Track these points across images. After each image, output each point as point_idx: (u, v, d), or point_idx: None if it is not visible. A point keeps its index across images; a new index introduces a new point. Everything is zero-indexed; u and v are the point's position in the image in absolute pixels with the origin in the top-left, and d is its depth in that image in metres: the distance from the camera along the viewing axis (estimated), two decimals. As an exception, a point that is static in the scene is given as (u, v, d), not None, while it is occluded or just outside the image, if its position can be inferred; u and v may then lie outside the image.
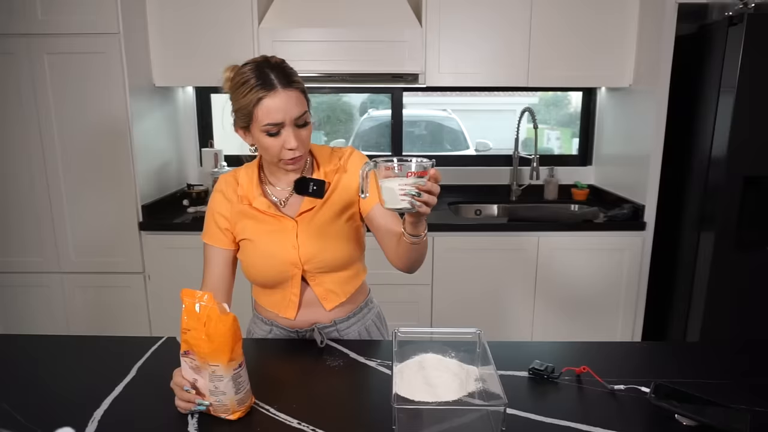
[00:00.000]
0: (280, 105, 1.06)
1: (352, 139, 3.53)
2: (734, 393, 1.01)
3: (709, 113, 2.16)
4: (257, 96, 1.06)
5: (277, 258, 1.20)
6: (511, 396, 0.98)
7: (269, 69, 1.08)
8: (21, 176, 2.35)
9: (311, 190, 1.17)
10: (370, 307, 1.36)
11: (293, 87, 1.09)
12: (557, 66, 2.48)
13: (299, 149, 1.11)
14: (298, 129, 1.10)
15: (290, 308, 1.25)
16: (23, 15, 2.19)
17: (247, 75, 1.08)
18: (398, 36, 2.39)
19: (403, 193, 0.93)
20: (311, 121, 1.15)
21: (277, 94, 1.06)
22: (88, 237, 2.40)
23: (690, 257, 2.30)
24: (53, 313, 2.48)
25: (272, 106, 1.06)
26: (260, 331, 1.32)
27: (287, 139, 1.09)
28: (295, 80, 1.10)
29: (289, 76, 1.10)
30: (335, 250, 1.21)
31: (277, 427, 0.92)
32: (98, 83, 2.26)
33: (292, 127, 1.09)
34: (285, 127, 1.08)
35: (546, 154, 3.16)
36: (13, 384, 1.07)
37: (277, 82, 1.07)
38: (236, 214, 1.22)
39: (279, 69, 1.09)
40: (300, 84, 1.11)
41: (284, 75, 1.09)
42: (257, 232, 1.21)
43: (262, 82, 1.06)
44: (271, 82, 1.07)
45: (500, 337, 2.47)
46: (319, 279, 1.23)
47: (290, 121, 1.08)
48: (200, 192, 2.75)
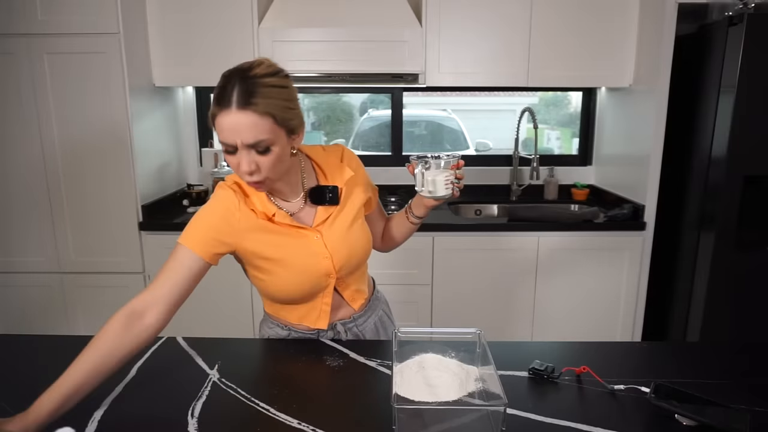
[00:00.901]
0: (228, 126, 0.95)
1: (352, 139, 3.53)
2: (734, 393, 1.01)
3: (709, 113, 2.16)
4: (212, 110, 0.97)
5: (311, 272, 1.15)
6: (511, 396, 0.98)
7: (239, 81, 0.95)
8: (21, 176, 2.35)
9: (328, 198, 1.17)
10: (379, 297, 1.38)
11: (250, 109, 0.94)
12: (557, 66, 2.48)
13: (256, 175, 1.00)
14: (258, 154, 0.98)
15: (322, 318, 1.22)
16: (23, 15, 2.19)
17: (220, 81, 0.98)
18: (398, 36, 2.39)
19: (447, 183, 1.16)
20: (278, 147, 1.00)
21: (228, 114, 0.95)
22: (88, 237, 2.40)
23: (690, 257, 2.30)
24: (53, 313, 2.48)
25: (222, 125, 0.96)
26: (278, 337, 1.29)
27: (240, 161, 0.99)
28: (254, 102, 0.94)
29: (251, 95, 0.94)
30: (360, 249, 1.21)
31: (277, 427, 0.92)
32: (98, 83, 2.26)
33: (246, 151, 0.98)
34: (239, 149, 0.98)
35: (546, 154, 3.16)
36: (13, 384, 1.07)
37: (235, 100, 0.94)
38: (249, 232, 1.10)
39: (247, 84, 0.95)
40: (261, 106, 0.95)
41: (245, 93, 0.94)
42: (283, 249, 1.12)
43: (219, 95, 0.96)
44: (228, 99, 0.94)
45: (500, 337, 2.47)
46: (346, 282, 1.23)
47: (242, 145, 0.97)
48: (200, 192, 2.75)
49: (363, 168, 1.27)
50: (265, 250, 1.12)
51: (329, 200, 1.16)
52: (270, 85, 0.97)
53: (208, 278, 2.63)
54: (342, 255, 1.18)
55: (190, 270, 1.05)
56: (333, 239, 1.17)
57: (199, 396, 1.01)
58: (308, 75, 2.51)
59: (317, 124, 3.50)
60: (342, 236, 1.18)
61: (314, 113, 3.52)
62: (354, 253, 1.19)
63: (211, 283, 2.44)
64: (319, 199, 1.16)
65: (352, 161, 1.24)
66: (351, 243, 1.19)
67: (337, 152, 1.24)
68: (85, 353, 0.94)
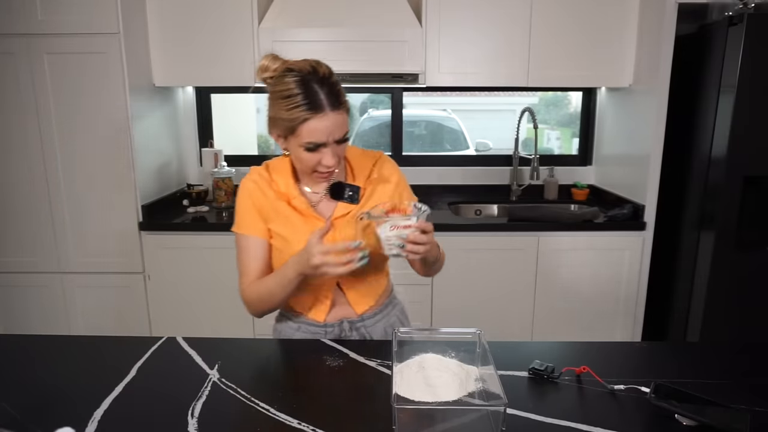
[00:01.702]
0: (326, 128, 1.04)
1: (352, 139, 3.53)
2: (734, 393, 1.01)
3: (709, 113, 2.16)
4: (303, 116, 1.03)
5: None
6: (511, 396, 0.98)
7: (318, 85, 1.04)
8: (21, 176, 2.35)
9: (347, 195, 1.18)
10: (395, 303, 1.37)
11: (341, 108, 1.05)
12: (557, 66, 2.48)
13: (335, 166, 1.10)
14: (338, 145, 1.09)
15: (320, 311, 1.25)
16: (23, 15, 2.19)
17: (292, 88, 1.04)
18: (398, 36, 2.39)
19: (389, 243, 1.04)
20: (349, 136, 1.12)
21: (325, 117, 1.03)
22: (88, 237, 2.41)
23: (690, 257, 2.30)
24: (53, 313, 2.48)
25: (318, 128, 1.04)
26: (288, 330, 1.31)
27: (325, 156, 1.08)
28: (342, 101, 1.06)
29: (338, 95, 1.05)
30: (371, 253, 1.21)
31: (277, 427, 0.92)
32: (98, 83, 2.27)
33: (332, 146, 1.07)
34: (326, 146, 1.07)
35: (546, 154, 3.17)
36: (13, 384, 1.07)
37: (327, 103, 1.03)
38: (271, 209, 1.20)
39: (328, 86, 1.05)
40: (347, 104, 1.08)
41: (333, 94, 1.05)
42: (293, 232, 1.18)
43: (309, 101, 1.03)
44: (320, 103, 1.03)
45: (500, 337, 2.47)
46: (351, 283, 1.23)
47: (332, 142, 1.07)
48: (200, 192, 2.75)
49: (403, 179, 1.27)
50: (278, 227, 1.19)
51: (348, 198, 1.18)
52: (338, 82, 1.08)
53: (208, 278, 2.63)
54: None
55: (263, 252, 1.21)
56: (342, 236, 1.18)
57: (199, 396, 1.01)
58: (308, 75, 2.51)
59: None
60: (353, 236, 1.18)
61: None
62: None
63: (211, 283, 2.46)
64: (338, 195, 1.18)
65: (386, 168, 1.25)
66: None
67: (372, 156, 1.26)
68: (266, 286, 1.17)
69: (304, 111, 1.03)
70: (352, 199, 1.18)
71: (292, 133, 1.07)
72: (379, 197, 1.22)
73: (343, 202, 1.19)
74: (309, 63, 1.08)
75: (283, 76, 1.07)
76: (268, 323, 2.47)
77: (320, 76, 1.05)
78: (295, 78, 1.05)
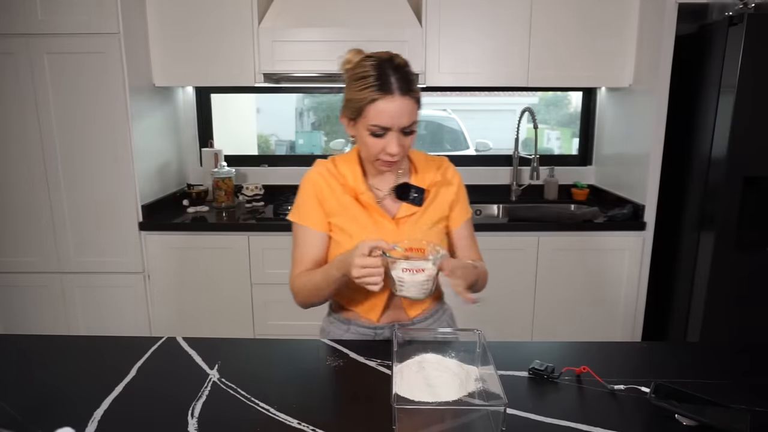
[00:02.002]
0: (393, 111, 1.06)
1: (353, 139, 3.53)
2: (734, 393, 1.01)
3: (709, 113, 2.16)
4: (372, 96, 1.06)
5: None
6: (511, 396, 0.98)
7: (392, 70, 1.07)
8: (21, 176, 2.35)
9: (412, 197, 1.19)
10: (445, 309, 1.37)
11: (410, 96, 1.07)
12: (557, 66, 2.48)
13: (399, 155, 1.11)
14: (403, 136, 1.10)
15: (374, 311, 1.25)
16: (23, 15, 2.19)
17: (367, 70, 1.07)
18: (398, 36, 2.39)
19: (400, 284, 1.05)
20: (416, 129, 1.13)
21: (393, 100, 1.06)
22: (88, 237, 2.40)
23: (690, 257, 2.30)
24: (53, 313, 2.48)
25: (385, 110, 1.06)
26: (337, 330, 1.31)
27: (389, 143, 1.09)
28: (413, 89, 1.08)
29: (410, 83, 1.08)
30: None
31: (277, 427, 0.92)
32: (98, 83, 2.26)
33: (397, 134, 1.09)
34: (391, 132, 1.08)
35: (546, 154, 3.17)
36: (13, 384, 1.07)
37: (396, 87, 1.06)
38: (336, 203, 1.20)
39: (401, 73, 1.08)
40: (417, 93, 1.10)
41: (405, 81, 1.07)
42: (357, 227, 1.19)
43: (381, 83, 1.06)
44: (390, 86, 1.06)
45: (500, 337, 2.47)
46: None
47: (397, 128, 1.08)
48: (200, 192, 2.75)
49: (463, 187, 1.30)
50: (342, 221, 1.20)
51: (412, 199, 1.19)
52: (413, 73, 1.11)
53: (208, 278, 2.63)
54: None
55: (319, 245, 1.22)
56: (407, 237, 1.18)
57: (199, 396, 1.01)
58: (308, 75, 2.51)
59: (317, 124, 3.50)
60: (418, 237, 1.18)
61: (314, 113, 3.52)
62: None
63: (211, 282, 2.46)
64: (403, 195, 1.19)
65: (450, 172, 1.27)
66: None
67: (438, 161, 1.28)
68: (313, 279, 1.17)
69: (374, 91, 1.06)
70: (416, 200, 1.19)
71: (360, 115, 1.09)
72: (443, 199, 1.24)
73: (408, 203, 1.20)
74: (388, 52, 1.12)
75: (361, 61, 1.10)
76: (269, 323, 2.48)
77: (395, 64, 1.08)
78: (372, 62, 1.08)
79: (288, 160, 3.09)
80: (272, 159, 3.07)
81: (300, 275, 1.22)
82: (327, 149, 3.41)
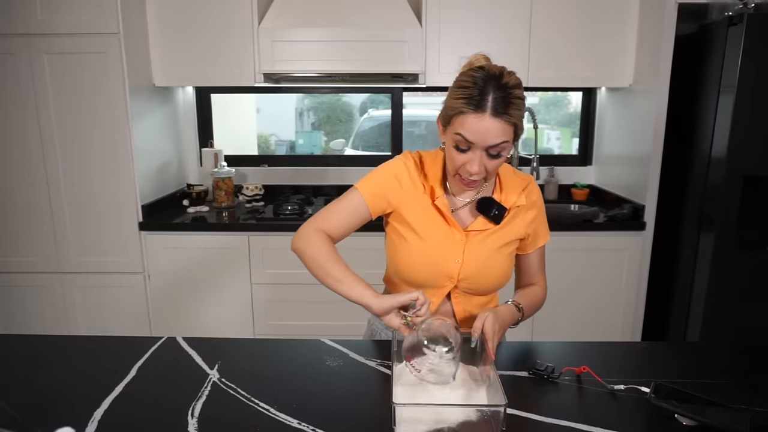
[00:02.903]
0: (479, 129, 1.01)
1: (352, 139, 3.53)
2: (734, 393, 1.01)
3: (709, 113, 2.16)
4: (462, 108, 1.02)
5: (437, 266, 1.17)
6: (512, 396, 0.98)
7: (494, 88, 1.01)
8: (21, 176, 2.35)
9: (493, 213, 1.16)
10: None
11: (503, 118, 1.01)
12: (557, 66, 2.48)
13: (479, 175, 1.06)
14: (489, 158, 1.05)
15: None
16: (23, 15, 2.19)
17: (469, 81, 1.03)
18: (398, 36, 2.39)
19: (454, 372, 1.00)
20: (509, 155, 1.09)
21: (482, 119, 1.00)
22: (87, 237, 2.40)
23: (690, 257, 2.30)
24: (53, 313, 2.48)
25: (471, 125, 1.02)
26: (381, 325, 1.31)
27: (471, 161, 1.05)
28: (509, 112, 1.01)
29: (508, 105, 1.01)
30: (493, 276, 1.19)
31: (277, 427, 0.92)
32: (98, 83, 2.27)
33: (481, 152, 1.04)
34: (474, 149, 1.04)
35: (546, 154, 3.16)
36: (13, 384, 1.07)
37: (490, 106, 1.00)
38: (413, 199, 1.17)
39: (503, 93, 1.01)
40: (513, 118, 1.02)
41: (503, 104, 1.00)
42: (427, 230, 1.17)
43: (476, 98, 1.01)
44: (484, 104, 1.00)
45: (500, 337, 2.47)
46: (462, 298, 1.22)
47: (482, 147, 1.03)
48: (200, 192, 2.75)
49: (543, 210, 1.25)
50: (413, 219, 1.17)
51: (492, 216, 1.16)
52: (518, 96, 1.03)
53: (208, 278, 2.62)
54: (472, 269, 1.17)
55: (357, 215, 1.18)
56: (474, 251, 1.17)
57: (199, 396, 1.01)
58: (308, 75, 2.52)
59: (317, 124, 3.50)
60: (484, 254, 1.17)
61: (314, 113, 3.52)
62: (485, 275, 1.18)
63: (211, 283, 2.45)
64: (485, 210, 1.16)
65: (534, 194, 1.23)
66: (489, 265, 1.18)
67: (524, 181, 1.23)
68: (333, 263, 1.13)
69: (465, 104, 1.01)
70: (496, 218, 1.16)
71: (449, 123, 1.06)
72: (521, 222, 1.20)
73: (485, 219, 1.17)
74: (501, 68, 1.06)
75: (472, 69, 1.06)
76: (269, 323, 2.48)
77: (502, 82, 1.02)
78: (479, 74, 1.03)
79: (288, 160, 3.09)
80: (272, 159, 3.07)
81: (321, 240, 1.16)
82: (327, 149, 3.42)
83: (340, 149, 3.44)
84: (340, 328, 2.39)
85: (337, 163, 3.01)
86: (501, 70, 1.05)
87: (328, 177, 2.94)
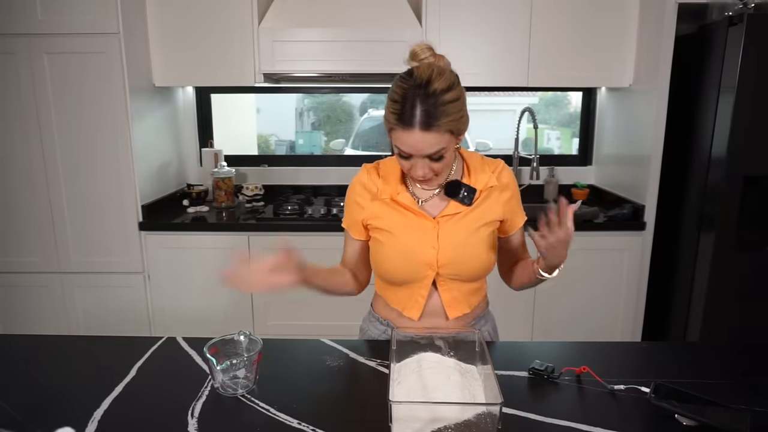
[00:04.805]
0: (411, 143, 1.03)
1: (352, 138, 3.53)
2: (734, 393, 1.01)
3: (709, 113, 2.16)
4: (392, 124, 1.04)
5: (414, 256, 1.17)
6: (511, 396, 0.98)
7: (421, 100, 1.00)
8: (21, 176, 2.35)
9: (461, 195, 1.16)
10: (488, 319, 1.35)
11: (433, 130, 1.00)
12: (557, 66, 2.47)
13: (428, 176, 1.09)
14: (432, 161, 1.06)
15: (415, 308, 1.22)
16: (23, 15, 2.19)
17: (398, 94, 1.03)
18: (398, 36, 2.39)
19: None
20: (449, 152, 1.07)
21: (413, 134, 1.01)
22: (88, 237, 2.40)
23: (690, 257, 2.30)
24: (53, 313, 2.48)
25: (404, 140, 1.03)
26: (375, 331, 1.31)
27: (414, 167, 1.07)
28: (438, 124, 1.00)
29: (436, 117, 1.00)
30: (474, 259, 1.18)
31: (277, 427, 0.92)
32: (98, 83, 2.26)
33: (422, 160, 1.05)
34: (415, 158, 1.05)
35: (546, 154, 3.16)
36: (13, 384, 1.07)
37: (418, 121, 1.00)
38: (376, 209, 1.20)
39: (431, 102, 1.00)
40: (444, 126, 1.01)
41: (431, 116, 1.00)
42: (396, 226, 1.18)
43: (402, 114, 1.01)
44: (412, 119, 1.00)
45: (500, 337, 2.47)
46: (448, 285, 1.21)
47: (420, 156, 1.05)
48: (200, 192, 2.75)
49: (518, 193, 1.25)
50: (382, 223, 1.20)
51: (461, 198, 1.16)
52: (448, 101, 1.02)
53: (208, 278, 2.62)
54: (449, 254, 1.16)
55: (355, 248, 1.28)
56: (449, 235, 1.17)
57: (199, 396, 1.01)
58: (308, 75, 2.51)
59: (317, 124, 3.50)
60: (461, 237, 1.17)
61: (314, 113, 3.52)
62: (464, 259, 1.17)
63: (211, 283, 2.45)
64: (453, 193, 1.17)
65: (505, 176, 1.22)
66: (465, 248, 1.17)
67: (493, 164, 1.23)
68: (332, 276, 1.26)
69: (395, 120, 1.03)
70: (465, 200, 1.16)
71: (389, 133, 1.08)
72: (495, 202, 1.20)
73: (456, 202, 1.17)
74: (431, 70, 1.03)
75: (401, 79, 1.05)
76: (268, 323, 2.48)
77: (430, 90, 1.00)
78: (406, 85, 1.03)
79: (288, 160, 3.09)
80: (272, 159, 3.07)
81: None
82: (327, 149, 3.41)
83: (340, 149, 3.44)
84: (340, 328, 2.39)
85: (337, 163, 3.01)
86: (430, 73, 1.02)
87: (328, 177, 2.94)
